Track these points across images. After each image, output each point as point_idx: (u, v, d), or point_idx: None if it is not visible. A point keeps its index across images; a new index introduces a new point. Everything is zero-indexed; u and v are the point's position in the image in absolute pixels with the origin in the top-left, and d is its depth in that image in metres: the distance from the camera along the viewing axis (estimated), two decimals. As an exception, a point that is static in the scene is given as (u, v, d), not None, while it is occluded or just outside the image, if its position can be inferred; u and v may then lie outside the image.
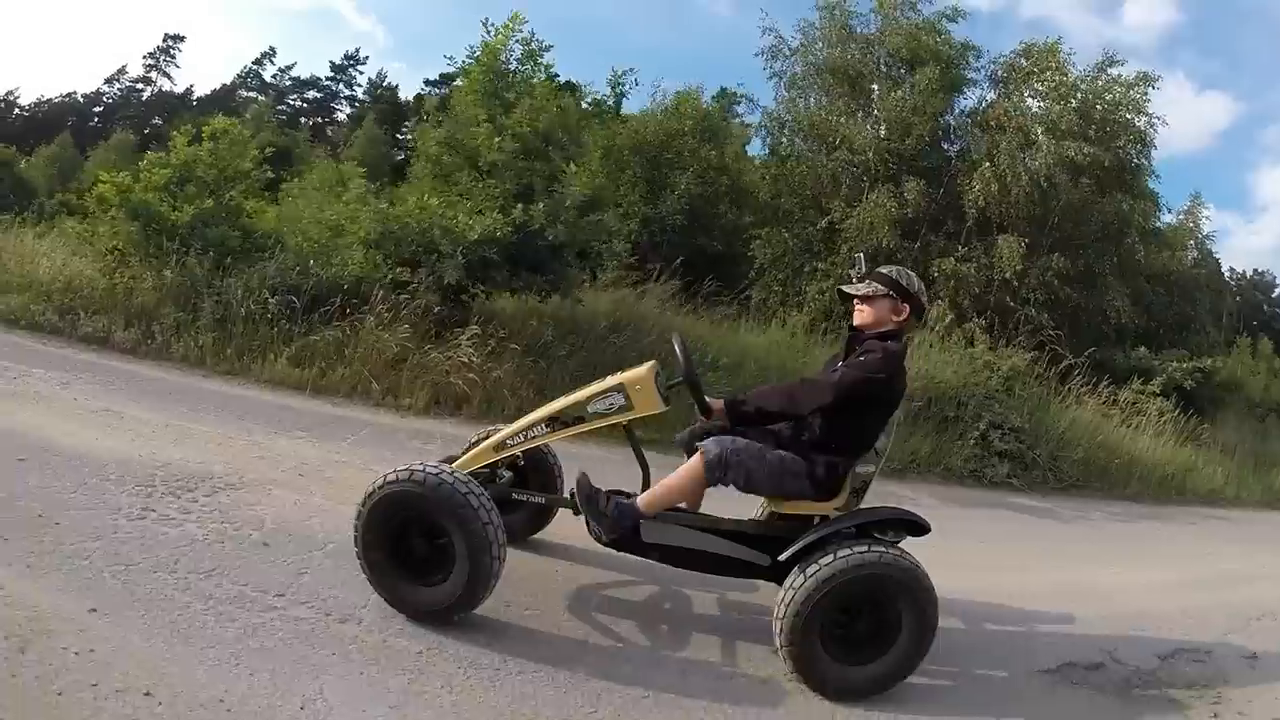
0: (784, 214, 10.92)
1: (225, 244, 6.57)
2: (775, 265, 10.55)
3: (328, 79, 44.88)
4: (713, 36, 60.91)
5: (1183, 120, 48.51)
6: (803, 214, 10.87)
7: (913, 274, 2.94)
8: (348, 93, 44.94)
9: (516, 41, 7.51)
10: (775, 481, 2.75)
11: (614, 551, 2.89)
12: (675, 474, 2.77)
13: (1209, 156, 49.44)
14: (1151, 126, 10.12)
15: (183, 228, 6.59)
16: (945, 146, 10.99)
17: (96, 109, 42.38)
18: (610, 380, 2.86)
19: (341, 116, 42.37)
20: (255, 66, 44.61)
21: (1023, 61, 10.70)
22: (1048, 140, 9.73)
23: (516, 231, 6.18)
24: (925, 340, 7.97)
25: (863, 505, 2.88)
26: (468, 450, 2.95)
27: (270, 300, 6.03)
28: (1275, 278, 33.88)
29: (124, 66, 43.97)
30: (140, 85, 43.33)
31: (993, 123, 10.25)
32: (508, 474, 3.02)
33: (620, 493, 2.91)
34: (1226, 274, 23.92)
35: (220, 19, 62.85)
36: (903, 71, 10.82)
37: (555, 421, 2.84)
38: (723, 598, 3.30)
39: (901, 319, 2.83)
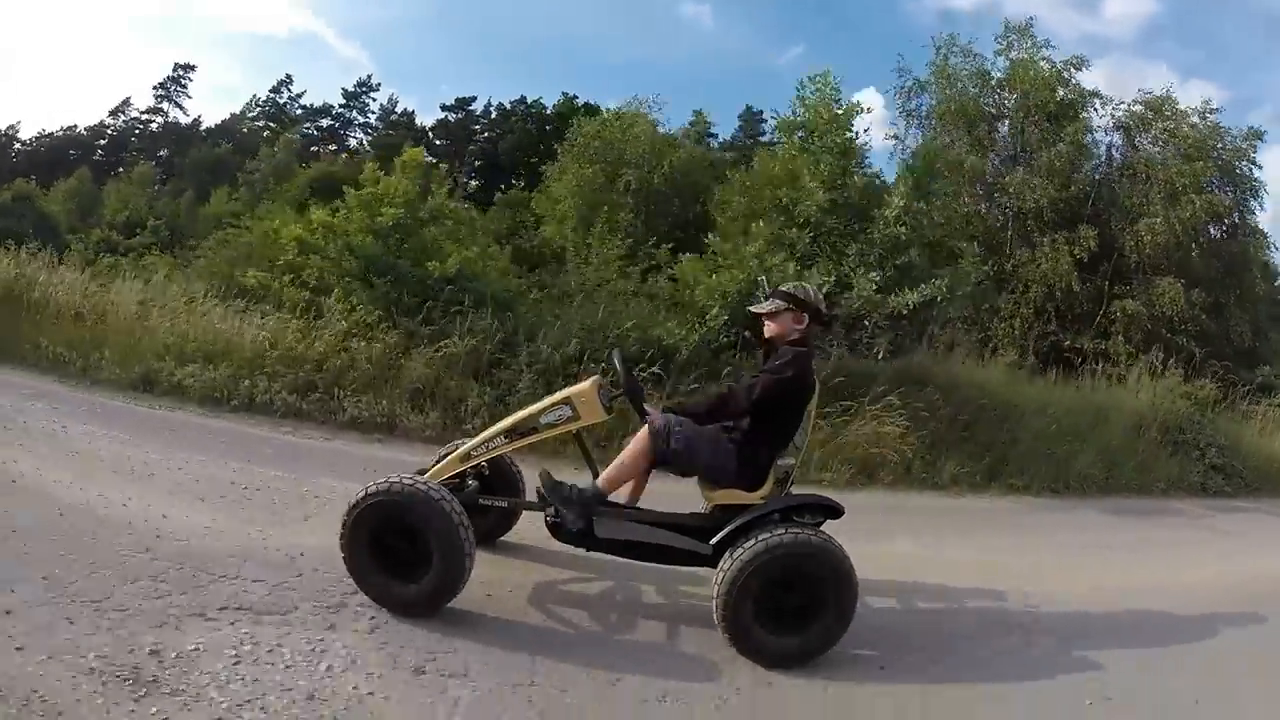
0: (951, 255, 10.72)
1: (499, 299, 6.01)
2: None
3: (340, 107, 44.55)
4: (695, 48, 60.62)
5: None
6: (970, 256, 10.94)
7: (809, 287, 3.41)
8: (361, 119, 44.46)
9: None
10: (711, 456, 3.14)
11: (571, 550, 3.30)
12: (625, 450, 3.16)
13: None
14: (1261, 173, 11.79)
15: (435, 282, 6.05)
16: (1095, 194, 11.98)
17: (100, 142, 42.39)
18: (558, 395, 3.32)
19: (353, 143, 42.06)
20: (273, 95, 44.36)
21: (1141, 109, 12.15)
22: (1194, 195, 11.15)
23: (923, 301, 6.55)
24: (1137, 377, 9.00)
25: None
26: (437, 462, 3.36)
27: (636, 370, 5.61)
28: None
29: (128, 98, 43.91)
30: (151, 116, 43.24)
31: (1142, 174, 11.64)
32: (474, 483, 3.40)
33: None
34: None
35: (203, 51, 62.47)
36: (1043, 120, 11.67)
37: (512, 433, 3.25)
38: (663, 588, 3.66)
39: (803, 327, 3.25)
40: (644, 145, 13.31)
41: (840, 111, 7.68)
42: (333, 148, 41.21)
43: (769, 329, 3.31)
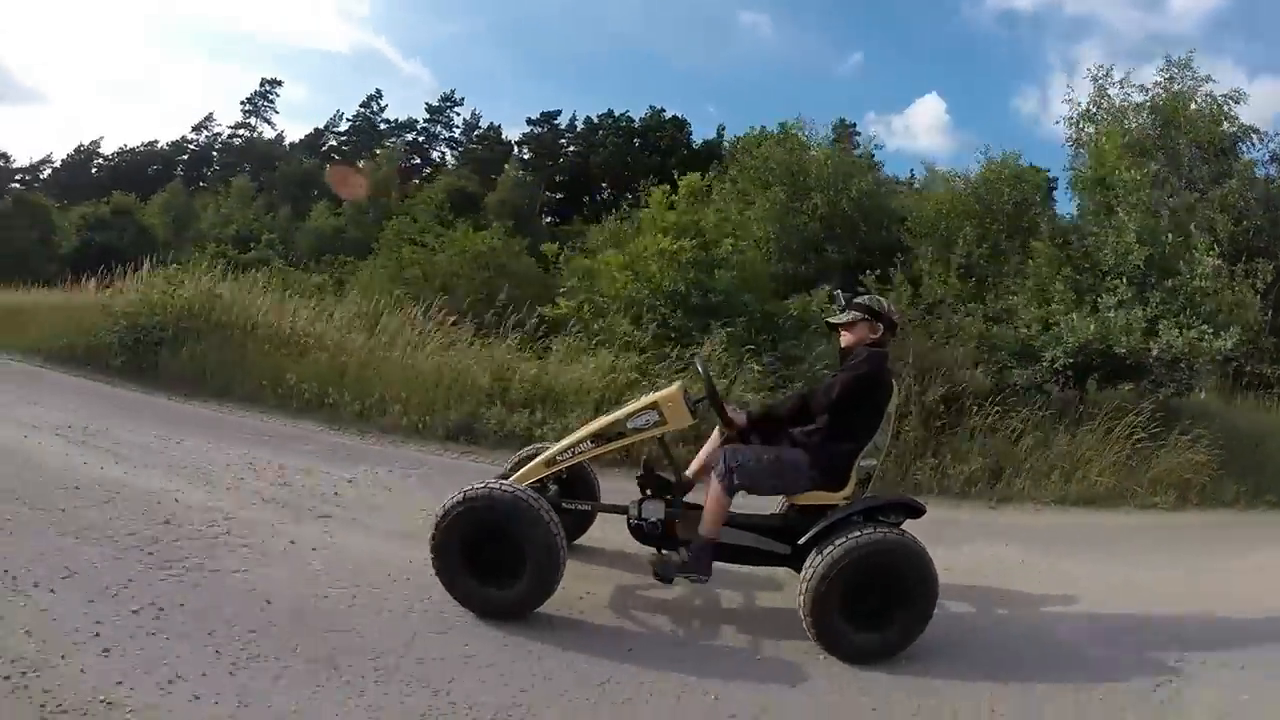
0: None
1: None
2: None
3: (425, 121, 45.28)
4: (756, 59, 60.14)
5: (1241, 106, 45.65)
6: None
7: (884, 299, 3.58)
8: (446, 134, 45.16)
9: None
10: (776, 478, 3.22)
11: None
12: (709, 497, 3.20)
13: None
14: None
15: (785, 319, 6.93)
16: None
17: (182, 157, 43.88)
18: (644, 400, 3.34)
19: (436, 157, 43.08)
20: (363, 110, 45.36)
21: None
22: None
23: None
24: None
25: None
26: (515, 467, 3.42)
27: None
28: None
29: (211, 114, 46.20)
30: (239, 130, 44.77)
31: None
32: (554, 486, 3.43)
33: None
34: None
35: (264, 64, 65.51)
36: (1212, 155, 11.77)
37: (599, 438, 3.29)
38: (743, 591, 3.65)
39: (878, 336, 3.37)
40: (829, 168, 13.57)
41: (1139, 175, 7.93)
42: (416, 160, 42.27)
43: (845, 339, 3.43)
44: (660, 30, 64.33)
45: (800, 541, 3.14)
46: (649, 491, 3.35)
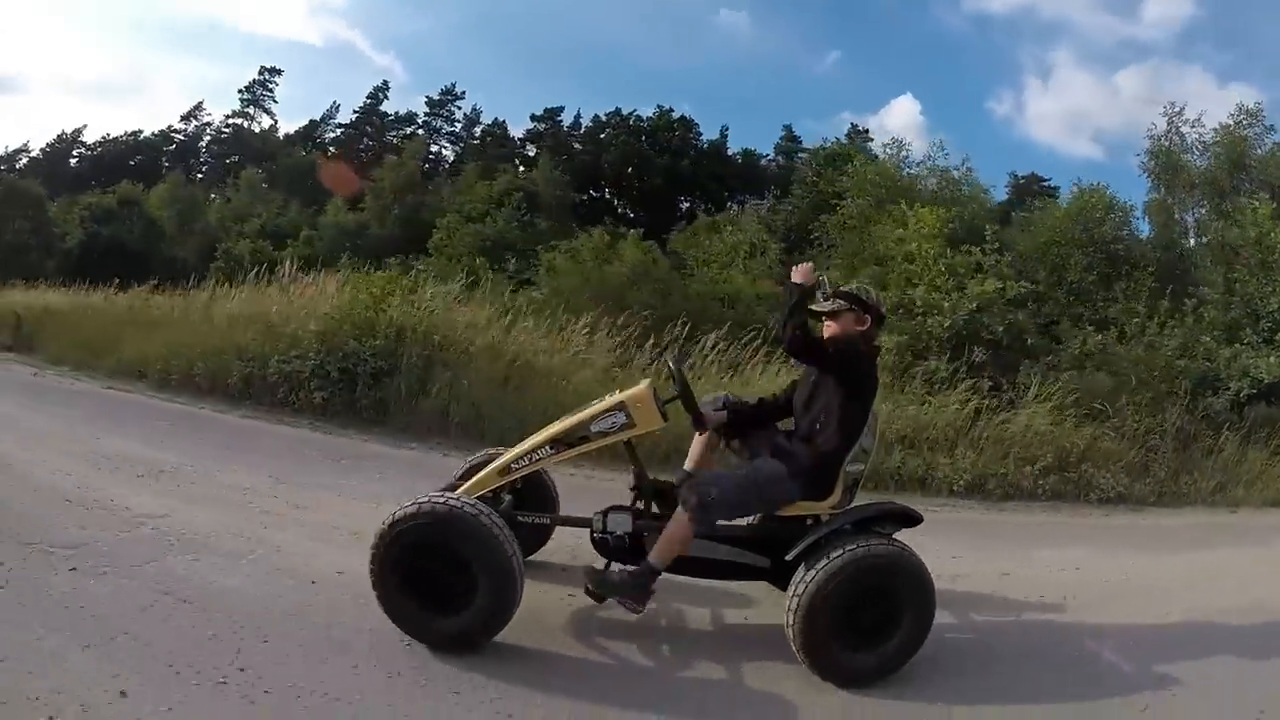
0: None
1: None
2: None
3: (426, 115, 43.75)
4: (733, 55, 59.54)
5: (1214, 113, 48.25)
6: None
7: (870, 288, 3.30)
8: (448, 129, 43.70)
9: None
10: (755, 499, 2.92)
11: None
12: (671, 524, 2.85)
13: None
14: None
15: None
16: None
17: (169, 147, 41.84)
18: (611, 400, 3.00)
19: (437, 150, 41.69)
20: (370, 102, 43.83)
21: None
22: None
23: None
24: None
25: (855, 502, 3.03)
26: (464, 477, 3.08)
27: None
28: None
29: (200, 103, 43.68)
30: (237, 120, 43.00)
31: None
32: (508, 497, 3.13)
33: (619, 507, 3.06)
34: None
35: (233, 53, 62.16)
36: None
37: (559, 443, 2.97)
38: (713, 611, 3.36)
39: (865, 327, 3.11)
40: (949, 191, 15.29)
41: None
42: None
43: (829, 328, 3.15)
44: (632, 24, 63.96)
45: (788, 557, 2.85)
46: (642, 503, 3.04)
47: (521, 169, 32.76)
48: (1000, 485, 6.01)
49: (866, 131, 28.72)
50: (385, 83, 46.16)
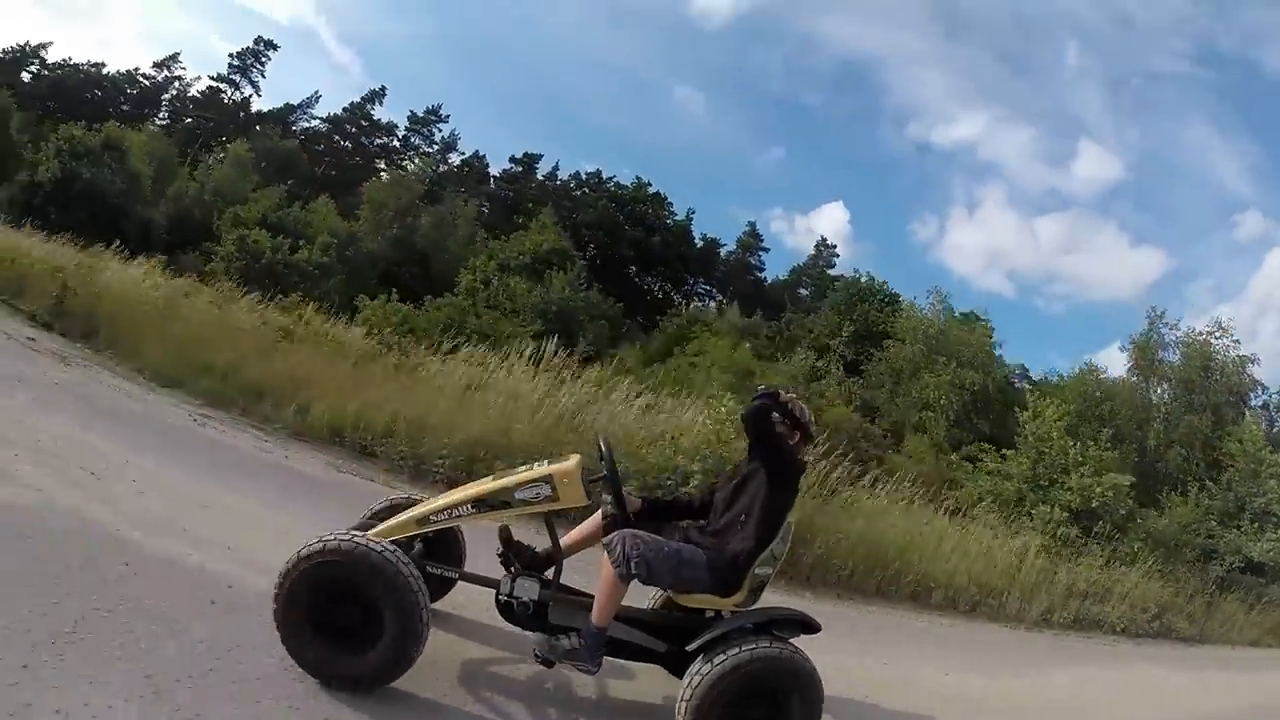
0: None
1: None
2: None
3: (407, 129, 43.19)
4: (684, 131, 63.81)
5: (1120, 271, 59.35)
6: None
7: (804, 406, 3.42)
8: (427, 149, 43.24)
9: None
10: (674, 573, 3.04)
11: (505, 626, 3.19)
12: (601, 583, 3.02)
13: (1139, 306, 53.92)
14: None
15: None
16: None
17: (131, 90, 39.54)
18: (539, 470, 3.11)
19: (411, 167, 40.49)
20: (365, 103, 42.87)
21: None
22: None
23: None
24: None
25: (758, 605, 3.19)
26: (374, 518, 3.21)
27: None
28: None
29: (177, 54, 41.65)
30: (221, 86, 41.14)
31: None
32: (418, 545, 3.21)
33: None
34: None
35: (199, 20, 61.06)
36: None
37: (481, 504, 3.08)
38: (598, 681, 3.46)
39: (794, 442, 3.30)
40: (982, 352, 18.83)
41: None
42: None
43: None
44: (599, 88, 66.45)
45: (689, 647, 2.99)
46: (515, 567, 3.13)
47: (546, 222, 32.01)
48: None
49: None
50: (383, 87, 45.87)
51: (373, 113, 43.11)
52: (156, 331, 7.21)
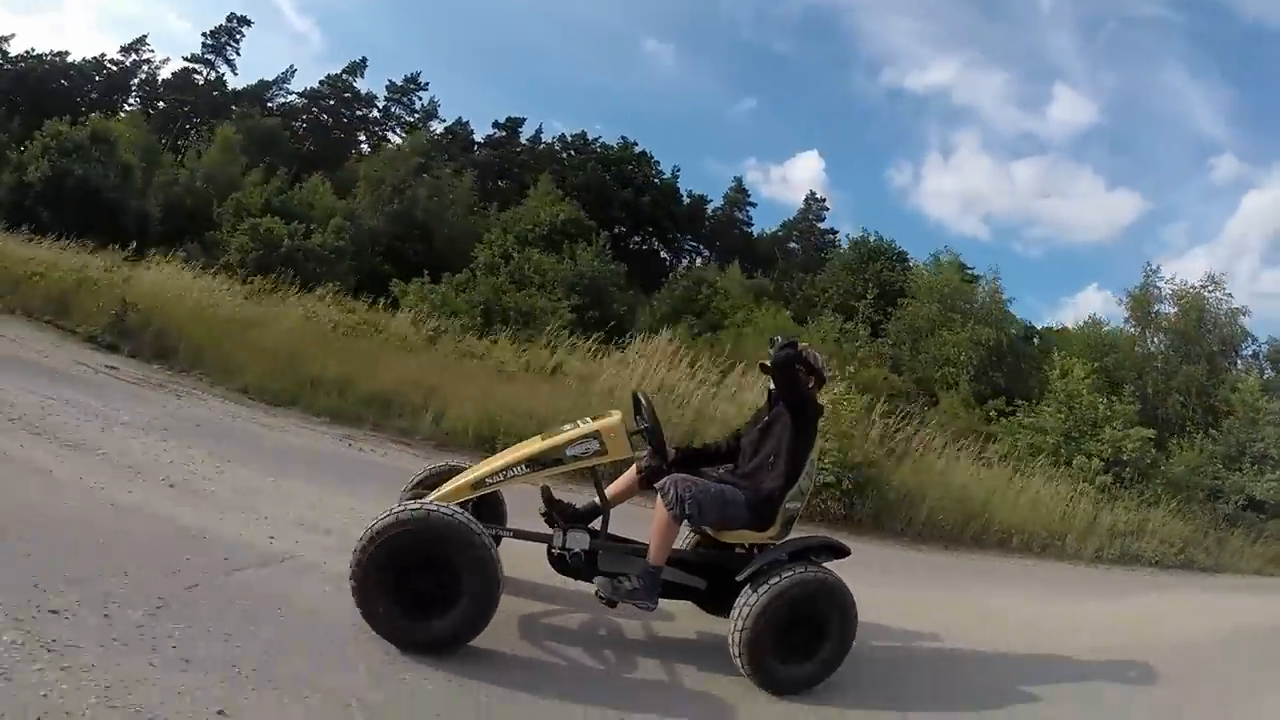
0: None
1: None
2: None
3: (387, 99, 42.21)
4: (653, 84, 62.06)
5: (1096, 213, 59.41)
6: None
7: (818, 353, 3.65)
8: (408, 118, 42.19)
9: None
10: (719, 511, 3.28)
11: (543, 579, 3.45)
12: (654, 525, 3.24)
13: (1115, 248, 55.48)
14: None
15: None
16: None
17: (99, 78, 38.33)
18: (586, 427, 3.30)
19: (396, 140, 39.64)
20: (348, 76, 41.66)
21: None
22: None
23: None
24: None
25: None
26: (421, 485, 3.40)
27: None
28: None
29: (144, 36, 40.37)
30: (196, 67, 39.90)
31: None
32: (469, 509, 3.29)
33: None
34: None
35: (154, 2, 56.21)
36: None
37: (534, 463, 3.26)
38: (645, 622, 3.70)
39: (811, 386, 3.50)
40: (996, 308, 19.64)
41: None
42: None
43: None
44: (569, 40, 65.01)
45: (738, 577, 3.25)
46: (560, 523, 3.30)
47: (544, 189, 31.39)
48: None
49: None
50: (364, 59, 43.85)
51: (355, 84, 42.21)
52: (238, 344, 6.65)
